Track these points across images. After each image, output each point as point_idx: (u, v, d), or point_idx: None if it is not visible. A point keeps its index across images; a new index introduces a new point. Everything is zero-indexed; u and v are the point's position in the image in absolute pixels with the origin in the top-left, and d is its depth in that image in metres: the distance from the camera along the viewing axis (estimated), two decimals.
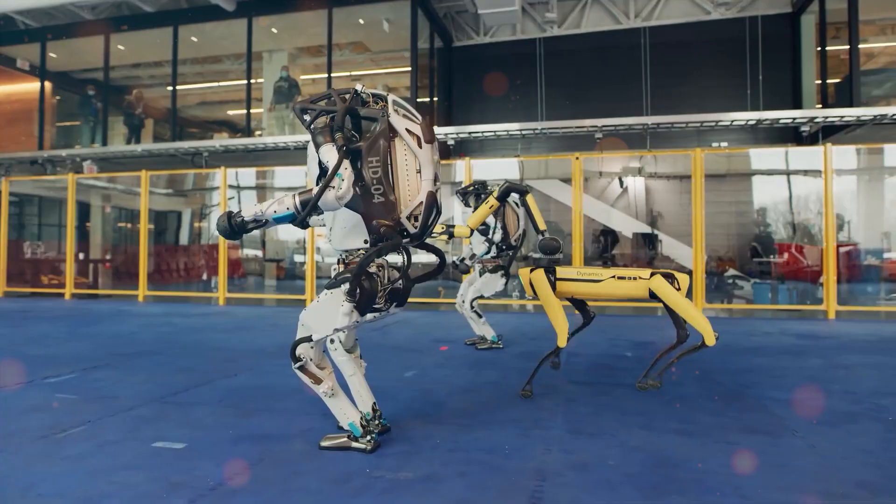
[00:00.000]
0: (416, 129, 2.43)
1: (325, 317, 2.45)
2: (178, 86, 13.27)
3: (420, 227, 2.48)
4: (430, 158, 2.46)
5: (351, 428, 2.56)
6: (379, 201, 2.42)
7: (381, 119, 2.41)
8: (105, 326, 6.65)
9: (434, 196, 2.47)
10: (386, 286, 2.58)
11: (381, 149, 2.40)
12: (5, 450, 2.55)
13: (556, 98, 12.31)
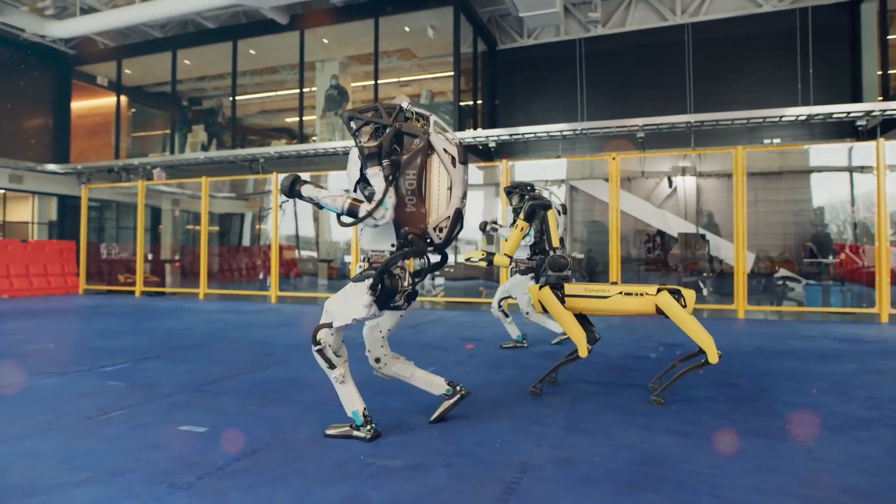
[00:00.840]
0: (452, 149, 2.62)
1: (347, 306, 2.63)
2: (238, 96, 14.04)
3: (444, 238, 2.68)
4: (462, 178, 2.65)
5: (353, 416, 2.71)
6: (410, 211, 2.61)
7: (421, 136, 2.60)
8: (163, 322, 7.15)
9: (460, 212, 2.67)
10: (406, 288, 2.74)
11: (419, 164, 2.59)
12: (55, 428, 2.86)
13: (598, 98, 12.13)
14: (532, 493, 2.11)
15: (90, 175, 14.30)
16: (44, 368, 4.26)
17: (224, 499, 2.06)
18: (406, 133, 2.61)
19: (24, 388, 3.68)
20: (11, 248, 10.67)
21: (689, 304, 3.38)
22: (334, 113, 13.08)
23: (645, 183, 13.09)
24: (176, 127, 14.32)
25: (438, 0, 11.49)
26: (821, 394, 3.57)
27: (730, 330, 6.61)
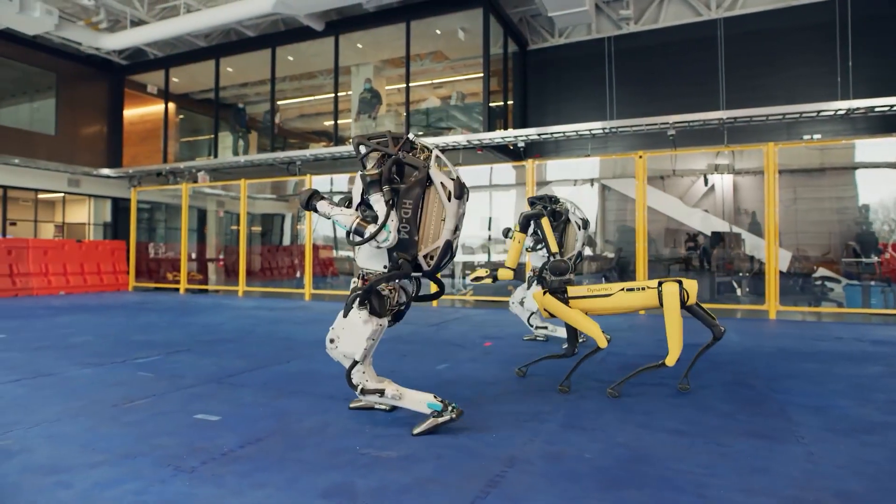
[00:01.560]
0: (449, 184, 2.70)
1: (354, 337, 2.74)
2: (277, 101, 14.46)
3: (433, 266, 2.77)
4: (456, 212, 2.74)
5: (432, 407, 2.73)
6: (403, 238, 2.71)
7: (421, 169, 2.69)
8: (200, 317, 7.46)
9: (450, 244, 2.76)
10: (394, 308, 2.86)
11: (416, 195, 2.69)
12: (83, 414, 3.06)
13: (630, 96, 11.91)
14: (514, 486, 2.13)
15: (140, 178, 14.99)
16: (84, 359, 4.53)
17: (222, 482, 2.16)
18: (407, 164, 2.70)
19: (64, 377, 3.92)
20: (68, 247, 11.31)
21: (691, 296, 3.37)
22: (368, 116, 13.30)
23: (680, 181, 12.79)
24: (233, 130, 14.80)
25: (468, 2, 11.52)
26: (837, 396, 3.44)
27: (758, 331, 6.41)
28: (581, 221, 4.98)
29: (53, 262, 10.83)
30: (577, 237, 4.98)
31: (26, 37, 12.41)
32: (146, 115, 16.13)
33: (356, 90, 13.78)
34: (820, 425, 2.88)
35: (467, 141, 11.00)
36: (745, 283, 9.95)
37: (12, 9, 10.57)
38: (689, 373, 3.67)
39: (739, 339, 5.72)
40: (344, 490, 2.09)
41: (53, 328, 6.33)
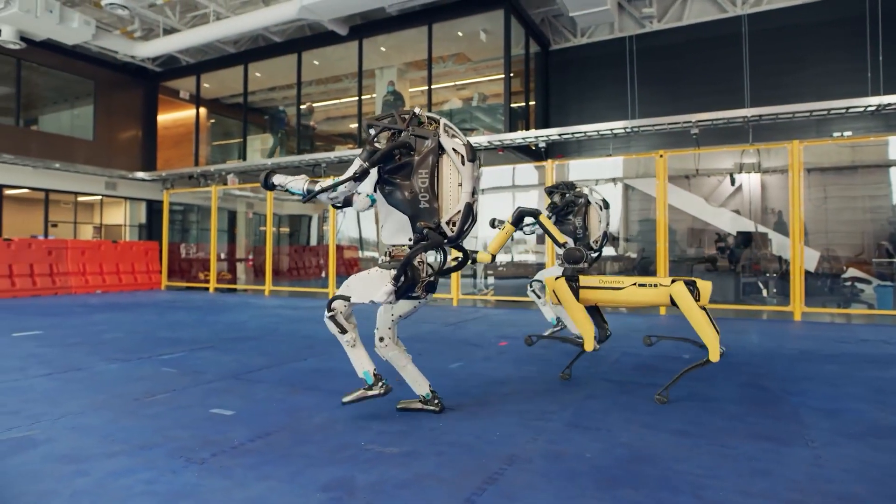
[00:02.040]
0: (461, 149, 2.74)
1: (368, 288, 2.79)
2: (304, 104, 14.70)
3: (457, 231, 2.80)
4: (471, 175, 2.76)
5: (365, 376, 2.84)
6: (424, 207, 2.74)
7: (432, 138, 2.74)
8: (226, 316, 7.64)
9: (470, 206, 2.79)
10: (424, 279, 2.87)
11: (430, 164, 2.73)
12: (106, 406, 3.18)
13: (653, 94, 11.72)
14: (511, 483, 2.14)
15: (173, 181, 15.41)
16: (113, 355, 4.69)
17: (229, 474, 2.23)
18: (418, 136, 2.74)
19: (92, 372, 4.08)
20: (104, 248, 11.71)
21: (703, 296, 3.27)
22: None
23: (707, 181, 12.54)
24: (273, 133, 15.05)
25: (489, 4, 11.51)
26: (854, 399, 3.35)
27: (780, 332, 6.25)
28: (602, 202, 4.96)
29: (90, 262, 11.23)
30: (599, 218, 4.95)
31: (66, 47, 12.88)
32: (179, 120, 16.58)
33: (380, 93, 13.90)
34: (831, 428, 2.81)
35: (488, 142, 10.99)
36: (771, 283, 9.69)
37: (53, 20, 11.00)
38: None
39: (760, 341, 5.58)
40: (344, 484, 2.14)
41: (87, 325, 6.57)
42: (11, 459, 2.37)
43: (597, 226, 4.92)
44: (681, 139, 10.44)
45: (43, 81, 14.48)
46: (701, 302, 3.31)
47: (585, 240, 4.92)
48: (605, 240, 5.04)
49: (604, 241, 5.00)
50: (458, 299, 9.67)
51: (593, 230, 4.92)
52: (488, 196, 14.62)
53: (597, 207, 4.92)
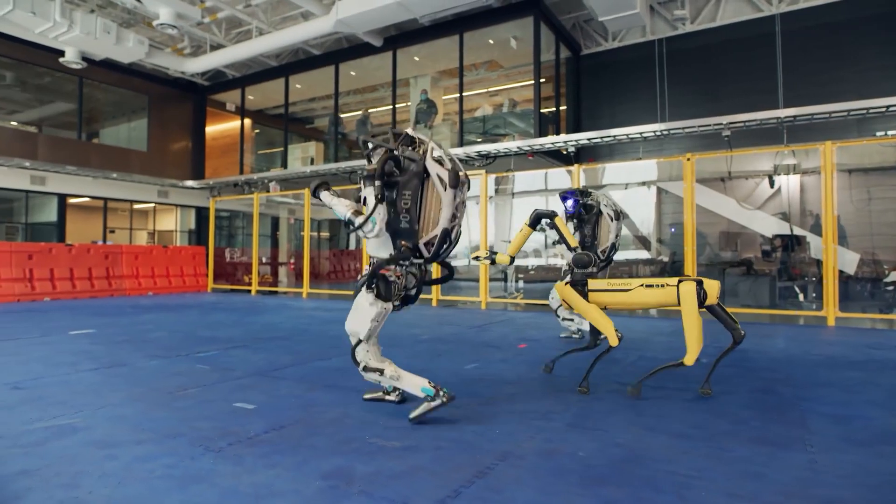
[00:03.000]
0: (444, 174, 2.83)
1: (361, 317, 2.93)
2: (342, 114, 15.09)
3: (433, 254, 2.91)
4: (451, 201, 2.85)
5: (425, 392, 2.89)
6: (405, 226, 2.85)
7: (418, 161, 2.84)
8: (263, 317, 7.95)
9: (447, 232, 2.87)
10: (401, 292, 3.00)
11: (414, 186, 2.84)
12: (141, 399, 3.42)
13: (686, 96, 11.50)
14: (500, 478, 2.22)
15: (220, 189, 16.06)
16: (154, 352, 5.00)
17: (241, 461, 2.39)
18: (407, 157, 2.85)
19: (134, 367, 4.36)
20: (155, 252, 12.34)
21: (711, 295, 3.30)
22: (424, 125, 13.60)
23: (745, 183, 12.18)
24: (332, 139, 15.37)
25: (518, 12, 11.55)
26: (870, 406, 3.25)
27: (810, 337, 6.05)
28: (613, 213, 4.95)
29: (143, 266, 11.86)
30: (609, 229, 4.95)
31: (123, 65, 13.66)
32: (226, 131, 17.29)
33: (414, 101, 14.12)
34: (837, 434, 2.76)
35: (517, 147, 11.03)
36: (810, 288, 9.34)
37: (110, 41, 11.70)
38: (712, 377, 3.56)
39: (785, 346, 5.43)
40: (343, 473, 2.26)
41: (135, 325, 6.98)
42: (54, 443, 2.61)
43: (606, 235, 4.92)
44: (715, 142, 10.21)
45: (103, 97, 15.38)
46: (709, 301, 3.33)
47: (594, 249, 4.93)
48: (614, 250, 5.04)
49: (612, 251, 4.99)
50: (487, 302, 9.73)
51: (602, 240, 4.92)
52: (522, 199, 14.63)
53: (608, 218, 4.92)
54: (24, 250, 9.89)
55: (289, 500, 2.02)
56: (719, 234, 11.79)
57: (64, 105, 14.72)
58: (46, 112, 15.26)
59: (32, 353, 4.93)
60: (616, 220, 4.98)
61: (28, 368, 4.26)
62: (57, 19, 10.78)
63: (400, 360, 3.17)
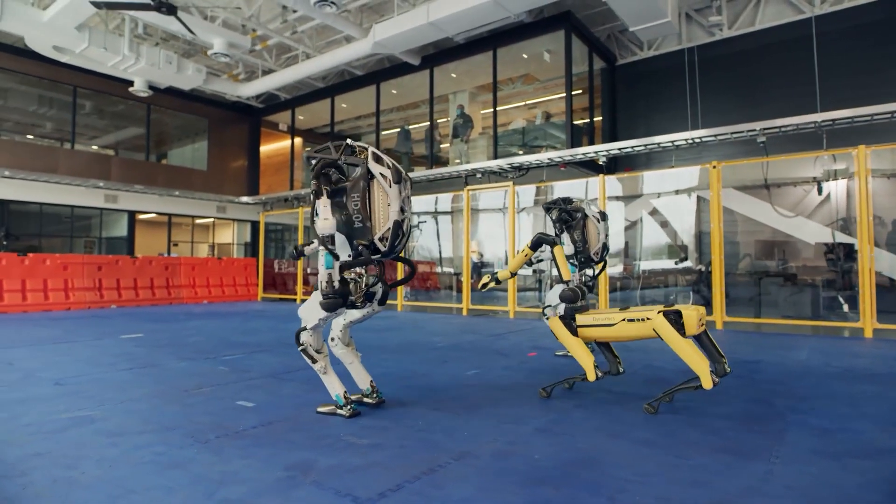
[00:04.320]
0: (387, 172, 2.98)
1: (311, 311, 3.17)
2: (386, 130, 15.57)
3: (388, 247, 3.03)
4: (398, 195, 2.99)
5: (336, 399, 3.22)
6: (358, 227, 3.01)
7: (361, 165, 3.01)
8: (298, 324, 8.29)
9: (399, 223, 3.00)
10: (362, 291, 3.18)
11: (361, 188, 3.00)
12: (159, 396, 3.72)
13: (722, 103, 11.14)
14: (446, 475, 2.31)
15: (272, 204, 16.85)
16: (186, 355, 5.37)
17: (220, 452, 2.60)
18: (349, 164, 3.04)
19: (163, 368, 4.73)
20: (210, 264, 13.11)
21: (688, 326, 3.15)
22: (461, 139, 13.80)
23: (793, 191, 11.61)
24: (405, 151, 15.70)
25: (550, 26, 11.59)
26: (865, 420, 3.10)
27: (839, 349, 5.72)
28: (598, 214, 4.96)
29: (199, 276, 12.63)
30: (598, 229, 4.95)
31: (185, 91, 14.67)
32: (279, 150, 18.13)
33: (452, 116, 14.36)
34: (811, 447, 2.66)
35: (548, 159, 11.01)
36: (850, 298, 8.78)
37: (172, 70, 12.63)
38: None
39: (807, 358, 5.18)
40: (305, 466, 2.42)
41: (181, 330, 7.48)
42: (70, 431, 2.91)
43: (595, 238, 4.92)
44: (755, 148, 9.82)
45: (170, 122, 16.54)
46: (687, 332, 3.17)
47: (586, 252, 4.92)
48: (606, 251, 5.02)
49: (604, 252, 4.97)
50: (515, 311, 9.73)
51: (592, 243, 4.92)
52: None
53: (594, 220, 4.92)
54: (94, 262, 10.78)
55: (247, 486, 2.20)
56: (764, 243, 11.28)
57: (136, 130, 15.94)
58: (121, 136, 16.56)
59: (82, 353, 5.42)
60: (603, 221, 4.99)
61: (74, 367, 4.70)
62: (125, 53, 11.76)
63: (407, 366, 3.37)
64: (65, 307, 10.12)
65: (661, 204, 12.79)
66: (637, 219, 12.84)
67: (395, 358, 5.25)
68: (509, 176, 12.11)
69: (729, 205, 11.62)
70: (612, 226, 13.59)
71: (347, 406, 3.21)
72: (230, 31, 11.72)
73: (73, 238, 14.22)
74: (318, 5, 9.64)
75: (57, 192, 13.11)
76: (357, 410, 3.24)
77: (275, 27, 12.75)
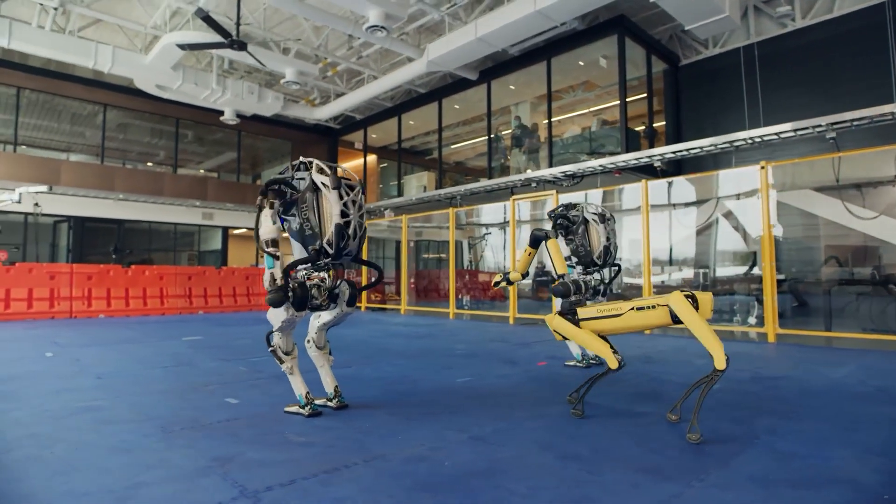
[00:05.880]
0: (327, 180, 3.16)
1: (275, 315, 3.34)
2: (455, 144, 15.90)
3: (334, 249, 3.17)
4: (337, 199, 3.16)
5: (298, 399, 3.38)
6: (309, 234, 3.20)
7: (308, 178, 3.19)
8: (345, 329, 8.66)
9: (340, 227, 3.15)
10: (323, 292, 3.35)
11: (308, 198, 3.18)
12: (171, 391, 4.10)
13: (794, 98, 10.11)
14: (343, 475, 2.36)
15: None
16: (223, 356, 5.84)
17: (172, 442, 2.84)
18: (299, 178, 3.22)
19: (194, 367, 5.17)
20: None
21: (702, 309, 2.94)
22: (519, 149, 13.69)
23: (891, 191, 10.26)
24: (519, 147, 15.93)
25: (603, 31, 11.23)
26: (844, 446, 2.71)
27: (892, 368, 4.97)
28: (598, 216, 4.75)
29: None
30: (599, 232, 4.76)
31: (268, 118, 15.92)
32: (357, 167, 19.05)
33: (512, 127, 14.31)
34: (753, 472, 2.39)
35: (600, 165, 10.62)
36: None
37: (254, 99, 13.79)
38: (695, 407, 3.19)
39: (843, 375, 4.56)
40: (228, 458, 2.59)
41: (237, 334, 8.11)
42: (72, 418, 3.32)
43: (597, 241, 4.73)
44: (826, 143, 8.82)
45: (261, 145, 18.02)
46: (701, 315, 2.93)
47: (588, 256, 4.75)
48: (609, 254, 4.78)
49: (607, 255, 4.74)
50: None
51: (594, 246, 4.73)
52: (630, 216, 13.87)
53: (594, 223, 4.71)
54: (185, 273, 11.99)
55: (167, 472, 2.40)
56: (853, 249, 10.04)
57: (231, 154, 17.53)
58: (221, 161, 18.30)
59: (139, 352, 6.08)
60: (603, 223, 4.76)
61: (122, 364, 5.30)
62: (213, 87, 13.04)
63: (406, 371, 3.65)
64: (160, 312, 11.34)
65: (733, 207, 11.82)
66: (704, 223, 11.96)
67: (401, 363, 5.36)
68: (564, 185, 11.82)
69: (809, 208, 10.53)
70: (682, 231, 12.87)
71: (308, 406, 3.36)
72: (300, 60, 12.59)
73: (177, 252, 15.90)
74: (370, 30, 10.10)
75: (163, 211, 14.76)
76: (318, 410, 3.38)
77: (342, 53, 13.50)
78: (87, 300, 10.60)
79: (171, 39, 10.75)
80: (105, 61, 11.47)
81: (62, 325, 9.16)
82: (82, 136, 15.30)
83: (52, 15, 10.87)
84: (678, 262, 12.33)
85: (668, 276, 12.70)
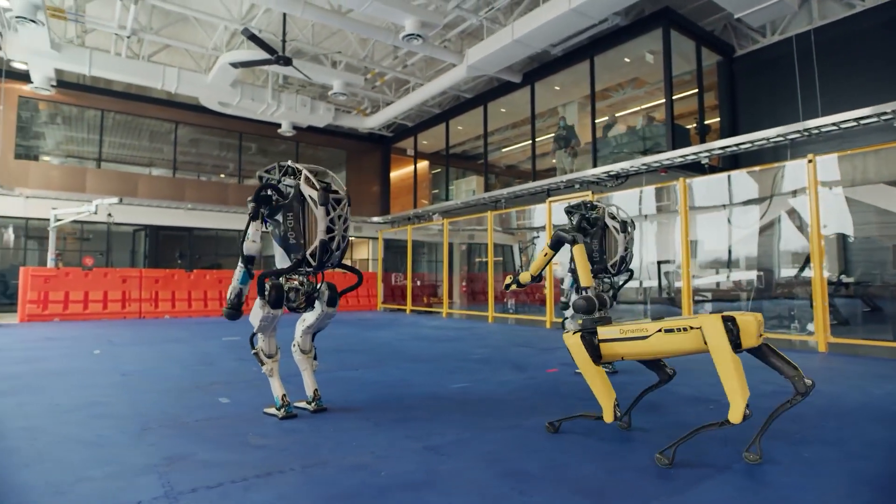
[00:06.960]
0: (315, 195, 3.17)
1: (254, 315, 3.38)
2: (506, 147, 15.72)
3: (317, 262, 3.22)
4: (324, 216, 3.18)
5: (274, 400, 3.39)
6: (293, 243, 3.22)
7: (295, 187, 3.18)
8: (377, 332, 8.72)
9: (324, 243, 3.18)
10: (301, 295, 3.38)
11: (295, 208, 3.20)
12: (176, 389, 4.26)
13: (864, 85, 9.07)
14: (272, 480, 2.31)
15: (399, 222, 17.91)
16: (245, 356, 5.97)
17: (142, 438, 2.92)
18: (287, 185, 3.17)
19: (212, 366, 5.36)
20: (336, 277, 14.36)
21: (744, 337, 2.44)
22: (563, 150, 13.27)
23: None
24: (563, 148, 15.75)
25: (646, 27, 10.65)
26: (834, 476, 2.33)
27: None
28: (619, 224, 4.41)
29: None
30: (617, 241, 4.42)
31: (322, 128, 16.43)
32: (408, 173, 19.28)
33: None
34: (714, 499, 2.10)
35: (643, 164, 10.05)
36: None
37: (307, 111, 14.29)
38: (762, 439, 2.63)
39: (884, 393, 3.98)
40: (179, 457, 2.62)
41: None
42: (68, 413, 3.49)
43: (614, 249, 4.38)
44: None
45: (319, 155, 18.64)
46: (746, 342, 2.45)
47: (603, 263, 4.42)
48: (624, 264, 4.42)
49: (622, 265, 4.39)
50: None
51: (610, 254, 4.39)
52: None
53: (613, 231, 4.37)
54: (227, 277, 12.57)
55: (116, 468, 2.45)
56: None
57: None
58: None
59: (174, 351, 6.40)
60: (623, 233, 4.42)
61: (150, 363, 5.58)
62: (269, 101, 13.64)
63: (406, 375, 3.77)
64: (219, 314, 11.95)
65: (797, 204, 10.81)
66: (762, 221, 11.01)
67: (408, 367, 5.28)
68: (608, 185, 11.31)
69: (883, 204, 9.43)
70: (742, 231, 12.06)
71: (282, 408, 3.35)
72: (347, 72, 12.89)
73: None
74: (407, 39, 10.17)
75: (227, 219, 15.60)
76: (293, 413, 3.37)
77: (388, 63, 13.70)
78: (154, 302, 11.37)
79: (226, 59, 11.35)
80: (171, 82, 12.31)
81: (126, 325, 9.88)
82: (160, 152, 16.51)
83: (126, 42, 11.81)
84: (734, 263, 11.44)
85: (726, 277, 11.81)
